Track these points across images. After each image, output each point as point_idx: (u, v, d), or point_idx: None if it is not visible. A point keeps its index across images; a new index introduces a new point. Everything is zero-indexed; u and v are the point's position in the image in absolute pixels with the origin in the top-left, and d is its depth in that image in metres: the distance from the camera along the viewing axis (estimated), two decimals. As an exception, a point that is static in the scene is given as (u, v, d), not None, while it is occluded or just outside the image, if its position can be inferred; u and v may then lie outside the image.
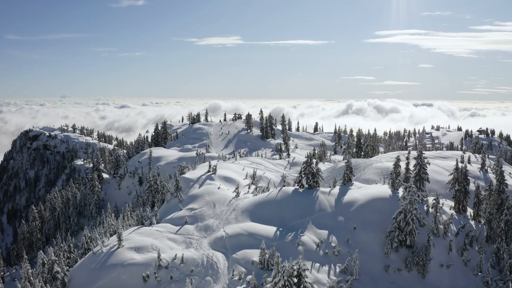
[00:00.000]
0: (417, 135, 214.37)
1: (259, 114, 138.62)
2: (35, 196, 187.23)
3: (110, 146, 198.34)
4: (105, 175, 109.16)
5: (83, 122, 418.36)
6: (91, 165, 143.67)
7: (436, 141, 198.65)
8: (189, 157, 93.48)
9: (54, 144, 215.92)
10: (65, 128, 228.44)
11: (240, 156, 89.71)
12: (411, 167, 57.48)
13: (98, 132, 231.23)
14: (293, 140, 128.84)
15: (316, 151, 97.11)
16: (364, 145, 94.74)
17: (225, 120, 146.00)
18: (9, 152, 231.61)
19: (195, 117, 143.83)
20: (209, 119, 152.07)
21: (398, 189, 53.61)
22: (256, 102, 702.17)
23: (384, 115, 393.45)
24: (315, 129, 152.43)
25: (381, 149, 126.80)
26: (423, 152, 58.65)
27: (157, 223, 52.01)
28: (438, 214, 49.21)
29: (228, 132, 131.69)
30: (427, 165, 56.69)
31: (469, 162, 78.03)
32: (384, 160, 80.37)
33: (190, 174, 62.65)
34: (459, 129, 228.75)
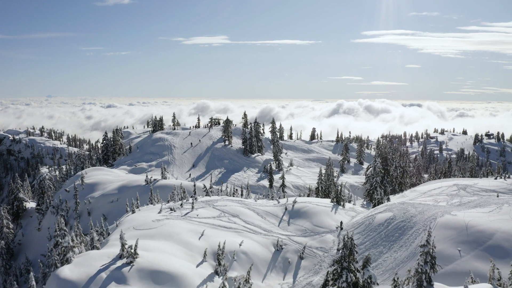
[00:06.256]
0: (421, 140, 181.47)
1: (242, 118, 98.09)
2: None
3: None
4: (29, 205, 74.05)
5: (69, 122, 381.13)
6: (57, 172, 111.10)
7: (444, 146, 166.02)
8: (135, 185, 58.80)
9: (18, 149, 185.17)
10: (32, 131, 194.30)
11: (211, 192, 54.11)
12: None
13: (68, 135, 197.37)
14: (286, 153, 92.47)
15: (322, 175, 62.37)
16: (392, 166, 60.77)
17: (197, 126, 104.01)
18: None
19: (157, 122, 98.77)
20: (182, 122, 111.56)
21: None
22: (244, 102, 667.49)
23: (375, 115, 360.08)
24: (312, 136, 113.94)
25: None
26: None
27: None
28: None
29: (199, 144, 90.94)
30: None
31: None
32: (442, 200, 46.24)
33: (78, 266, 26.49)
34: (464, 132, 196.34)
